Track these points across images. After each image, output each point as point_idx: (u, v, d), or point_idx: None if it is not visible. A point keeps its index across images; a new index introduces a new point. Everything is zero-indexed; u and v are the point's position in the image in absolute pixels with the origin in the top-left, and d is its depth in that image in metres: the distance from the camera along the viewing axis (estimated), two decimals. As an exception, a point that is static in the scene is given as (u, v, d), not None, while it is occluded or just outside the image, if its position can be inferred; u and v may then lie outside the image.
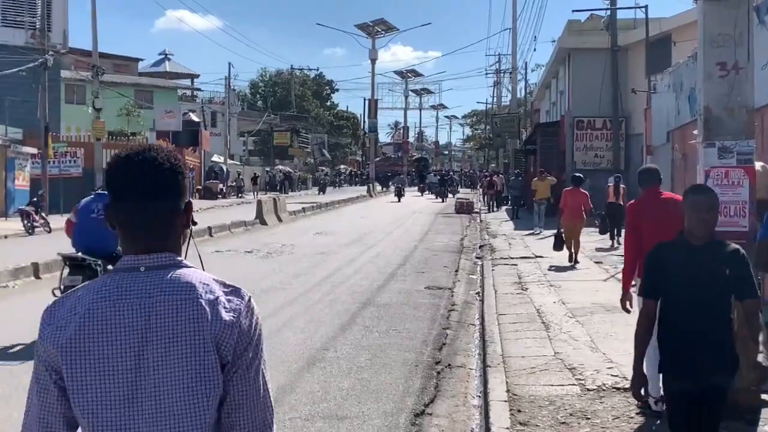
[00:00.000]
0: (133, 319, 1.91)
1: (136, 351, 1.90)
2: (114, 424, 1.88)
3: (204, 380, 1.91)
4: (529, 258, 18.13)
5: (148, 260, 1.99)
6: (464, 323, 11.47)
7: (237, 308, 2.00)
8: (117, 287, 1.95)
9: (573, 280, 14.36)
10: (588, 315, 10.98)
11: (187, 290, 1.95)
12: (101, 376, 1.89)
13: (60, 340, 1.91)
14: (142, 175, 1.98)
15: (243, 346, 1.97)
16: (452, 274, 16.27)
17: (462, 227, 29.28)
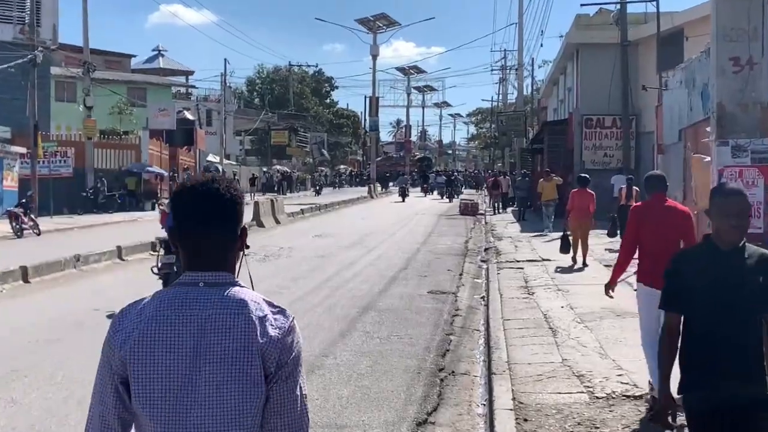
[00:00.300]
0: (189, 328, 2.26)
1: (191, 356, 2.24)
2: (170, 419, 2.23)
3: (250, 386, 2.25)
4: (536, 261, 18.12)
5: (207, 277, 2.34)
6: (468, 329, 11.45)
7: (282, 326, 2.34)
8: (178, 299, 2.31)
9: (581, 284, 14.34)
10: (597, 320, 10.96)
11: (240, 306, 2.30)
12: (160, 377, 2.24)
13: (126, 347, 2.27)
14: (205, 206, 2.35)
15: (285, 360, 2.31)
16: (456, 277, 16.26)
17: (466, 229, 29.25)
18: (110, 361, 2.30)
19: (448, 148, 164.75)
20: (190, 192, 2.39)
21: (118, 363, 2.28)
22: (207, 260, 2.37)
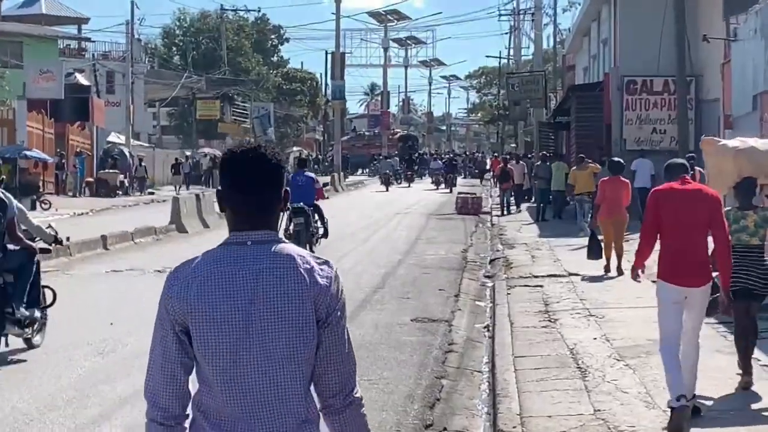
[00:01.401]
0: (243, 282, 3.38)
1: (246, 306, 3.36)
2: (228, 363, 3.34)
3: (302, 330, 3.38)
4: (560, 276, 18.20)
5: (254, 236, 3.46)
6: (467, 370, 11.44)
7: (329, 276, 3.46)
8: (230, 256, 3.44)
9: (621, 307, 14.39)
10: (642, 356, 10.99)
11: (288, 260, 3.42)
12: (218, 326, 3.35)
13: (186, 299, 3.40)
14: (254, 170, 3.48)
15: (333, 306, 3.45)
16: (451, 300, 16.27)
17: (465, 233, 29.26)
18: (169, 314, 3.45)
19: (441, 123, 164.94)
20: (240, 158, 3.53)
21: (178, 314, 3.43)
22: (253, 220, 3.48)
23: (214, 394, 3.42)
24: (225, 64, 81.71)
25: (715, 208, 8.35)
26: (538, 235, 26.97)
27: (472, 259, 22.63)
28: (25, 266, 11.62)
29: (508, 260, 21.10)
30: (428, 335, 13.08)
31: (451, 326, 13.88)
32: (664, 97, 31.67)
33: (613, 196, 17.91)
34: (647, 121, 31.93)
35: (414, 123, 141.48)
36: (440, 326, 13.77)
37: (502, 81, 77.70)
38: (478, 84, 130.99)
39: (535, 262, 20.79)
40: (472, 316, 15.17)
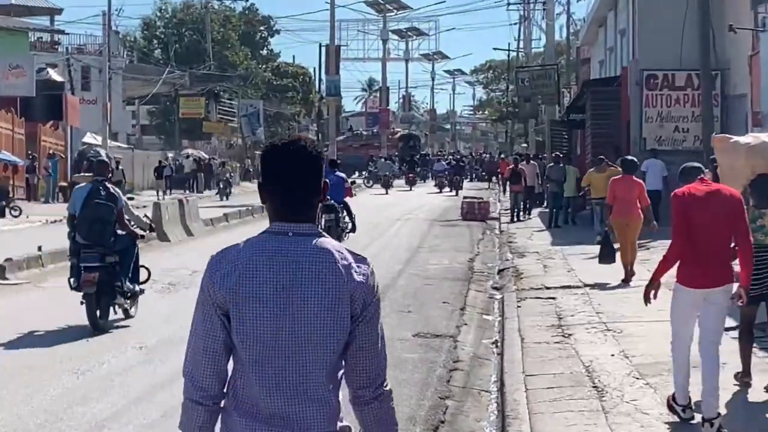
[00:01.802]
0: (283, 272, 3.79)
1: (284, 296, 3.77)
2: (263, 348, 3.78)
3: (338, 324, 3.81)
4: (574, 287, 18.22)
5: (295, 228, 3.87)
6: (473, 390, 11.45)
7: (365, 273, 3.88)
8: (271, 246, 3.85)
9: (641, 320, 14.37)
10: (664, 374, 10.96)
11: (327, 255, 3.83)
12: (257, 312, 3.78)
13: (227, 284, 3.81)
14: (294, 163, 3.87)
15: (369, 301, 3.89)
16: (456, 313, 16.30)
17: (471, 241, 29.28)
18: (212, 297, 3.85)
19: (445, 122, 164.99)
20: (282, 151, 3.91)
21: (220, 298, 3.83)
22: (294, 212, 3.89)
23: (250, 380, 3.83)
24: (210, 58, 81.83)
25: (739, 211, 8.70)
26: (550, 243, 27.00)
27: (479, 269, 22.63)
28: (128, 248, 15.15)
29: (518, 270, 21.10)
30: (431, 352, 13.08)
31: (456, 342, 13.89)
32: (688, 93, 31.68)
33: (626, 197, 18.22)
34: (669, 119, 31.92)
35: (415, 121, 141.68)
36: (444, 342, 13.77)
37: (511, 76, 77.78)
38: (485, 79, 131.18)
39: (547, 272, 20.79)
40: (479, 331, 15.17)
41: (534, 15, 77.06)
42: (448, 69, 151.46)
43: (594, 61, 53.58)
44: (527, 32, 79.36)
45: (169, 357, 12.66)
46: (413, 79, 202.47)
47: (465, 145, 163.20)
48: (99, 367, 12.17)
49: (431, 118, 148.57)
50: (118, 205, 14.68)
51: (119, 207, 14.72)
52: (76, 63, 63.46)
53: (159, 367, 12.14)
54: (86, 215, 14.52)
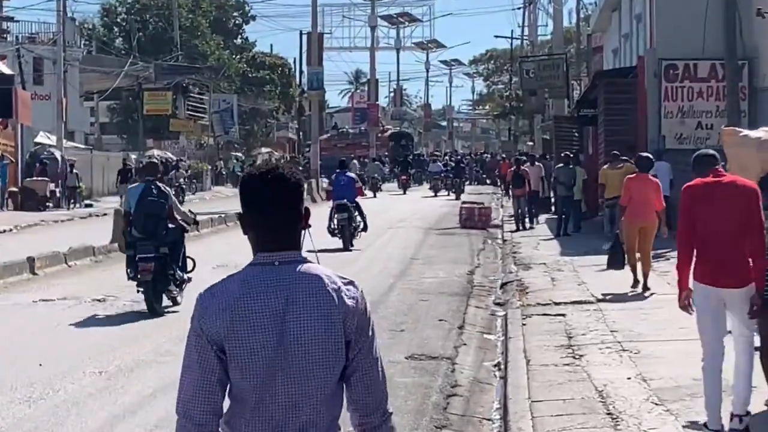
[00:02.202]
0: (274, 304, 4.16)
1: (278, 328, 4.14)
2: (263, 381, 4.13)
3: (332, 351, 4.18)
4: (586, 303, 18.23)
5: (280, 257, 4.25)
6: (473, 417, 11.47)
7: (355, 296, 4.25)
8: (259, 278, 4.23)
9: (660, 339, 14.41)
10: (686, 399, 10.99)
11: (316, 281, 4.22)
12: (253, 348, 4.13)
13: (221, 321, 4.16)
14: (274, 190, 4.24)
15: (362, 325, 4.26)
16: (453, 332, 16.29)
17: (471, 251, 29.30)
18: (206, 334, 4.19)
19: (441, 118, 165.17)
20: (261, 179, 4.28)
21: (214, 335, 4.18)
22: (277, 239, 4.28)
23: (249, 412, 4.23)
24: (178, 48, 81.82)
25: (752, 204, 9.01)
26: (559, 253, 27.01)
27: (480, 283, 22.64)
28: (178, 240, 18.68)
29: (523, 284, 21.11)
30: (426, 376, 13.07)
31: (454, 365, 13.87)
32: (711, 85, 31.74)
33: (641, 196, 18.63)
34: (691, 114, 31.99)
35: (408, 118, 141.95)
36: (441, 365, 13.77)
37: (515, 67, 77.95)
38: (486, 71, 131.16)
39: (555, 285, 20.79)
40: (479, 353, 15.18)
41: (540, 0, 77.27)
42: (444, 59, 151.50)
43: (607, 49, 53.63)
44: (532, 18, 79.55)
45: (132, 384, 12.63)
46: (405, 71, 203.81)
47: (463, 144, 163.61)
48: (53, 394, 12.14)
49: (426, 114, 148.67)
50: (168, 201, 18.10)
51: (169, 203, 18.14)
52: (27, 54, 63.31)
53: (121, 395, 12.10)
54: (141, 212, 17.80)
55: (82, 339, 15.70)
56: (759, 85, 30.55)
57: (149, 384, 12.61)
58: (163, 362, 13.90)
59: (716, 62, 30.71)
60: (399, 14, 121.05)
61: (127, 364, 13.82)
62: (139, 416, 11.15)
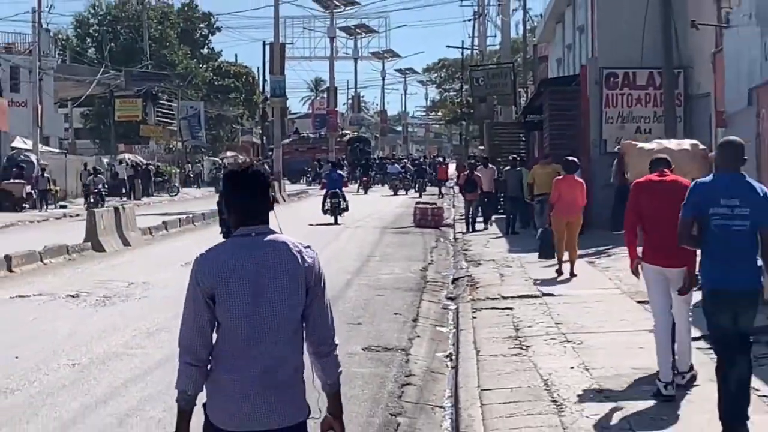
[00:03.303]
0: (253, 260, 5.27)
1: (253, 280, 5.24)
2: (243, 319, 5.22)
3: (297, 295, 5.29)
4: (532, 297, 18.27)
5: (255, 230, 5.35)
6: (426, 405, 11.46)
7: (312, 256, 5.38)
8: (241, 244, 5.34)
9: (602, 331, 14.47)
10: (625, 386, 11.05)
11: (283, 246, 5.33)
12: (235, 294, 5.23)
13: (211, 275, 5.26)
14: (251, 182, 5.38)
15: (317, 279, 5.38)
16: (408, 325, 16.29)
17: (425, 249, 29.31)
18: (200, 286, 5.30)
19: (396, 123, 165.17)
20: (240, 174, 5.42)
21: (206, 287, 5.28)
22: (253, 217, 5.40)
23: (231, 343, 5.30)
24: (147, 58, 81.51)
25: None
26: (507, 250, 27.04)
27: (433, 279, 22.65)
28: None
29: (474, 279, 21.13)
30: (382, 366, 13.09)
31: (408, 356, 13.88)
32: (649, 92, 31.87)
33: (568, 195, 20.44)
34: (630, 120, 32.10)
35: (365, 123, 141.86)
36: (396, 356, 13.77)
37: (465, 75, 78.09)
38: (438, 78, 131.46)
39: (504, 281, 20.83)
40: (432, 344, 15.17)
41: (489, 11, 77.67)
42: (400, 68, 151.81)
43: (552, 59, 53.82)
44: (482, 29, 79.78)
45: (104, 375, 12.59)
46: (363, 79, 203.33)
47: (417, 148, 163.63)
48: (29, 386, 12.08)
49: (382, 120, 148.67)
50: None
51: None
52: (4, 63, 62.85)
53: (93, 386, 12.06)
54: None
55: (56, 333, 15.63)
56: (693, 92, 30.73)
57: (120, 375, 12.58)
58: (133, 354, 13.90)
59: (654, 71, 30.85)
60: (357, 26, 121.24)
61: (99, 356, 13.78)
62: (111, 406, 11.11)
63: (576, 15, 40.22)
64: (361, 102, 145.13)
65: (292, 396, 5.37)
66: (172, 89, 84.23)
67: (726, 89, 24.01)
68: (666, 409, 9.98)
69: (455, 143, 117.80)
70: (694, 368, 10.77)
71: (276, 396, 5.30)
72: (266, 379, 5.27)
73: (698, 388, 10.58)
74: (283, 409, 5.32)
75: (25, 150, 56.48)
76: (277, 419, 5.30)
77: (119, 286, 21.04)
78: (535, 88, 48.08)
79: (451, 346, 14.83)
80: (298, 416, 5.39)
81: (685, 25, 28.25)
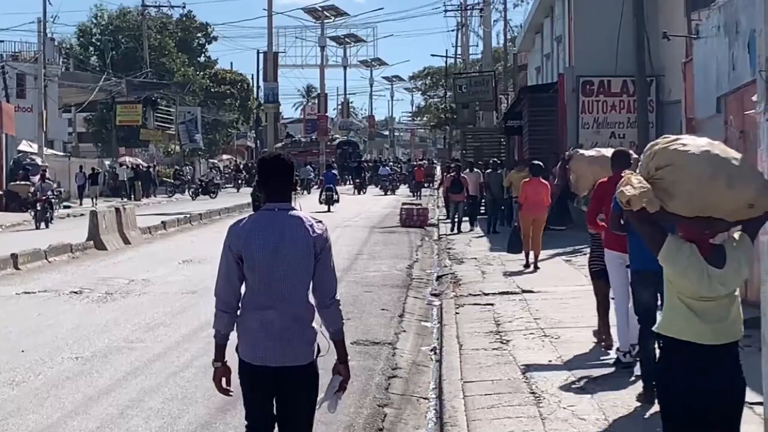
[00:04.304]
0: (274, 229, 6.36)
1: (273, 245, 6.32)
2: (266, 273, 6.34)
3: (309, 258, 6.37)
4: (512, 293, 18.29)
5: (279, 206, 6.45)
6: (412, 397, 11.47)
7: (321, 228, 6.43)
8: (266, 216, 6.46)
9: (578, 326, 14.48)
10: (599, 378, 11.08)
11: (299, 220, 6.42)
12: (259, 254, 6.33)
13: (241, 240, 6.36)
14: (278, 168, 6.52)
15: (325, 245, 6.44)
16: (394, 320, 16.31)
17: (410, 248, 29.32)
18: (231, 249, 6.32)
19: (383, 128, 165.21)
20: (270, 161, 6.54)
21: (236, 249, 6.29)
22: (278, 196, 6.40)
23: (255, 295, 6.36)
24: (147, 65, 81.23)
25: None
26: (489, 249, 27.06)
27: (418, 276, 22.67)
28: None
29: (457, 277, 21.16)
30: (370, 359, 13.10)
31: (395, 349, 13.90)
32: (623, 99, 31.99)
33: (534, 195, 21.52)
34: (605, 125, 32.21)
35: (354, 128, 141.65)
36: (383, 349, 13.79)
37: (449, 82, 78.08)
38: (423, 86, 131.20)
39: (485, 278, 20.86)
40: (417, 338, 15.19)
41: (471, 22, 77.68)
42: (387, 75, 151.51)
43: (531, 67, 53.90)
44: (465, 39, 79.88)
45: (105, 368, 12.58)
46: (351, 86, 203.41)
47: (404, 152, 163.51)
48: (34, 378, 12.06)
49: (370, 125, 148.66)
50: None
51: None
52: (11, 70, 62.74)
53: (95, 378, 12.04)
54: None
55: (60, 327, 15.60)
56: (665, 99, 30.85)
57: (121, 368, 12.55)
58: (134, 348, 13.88)
59: (627, 79, 30.95)
60: (346, 35, 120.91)
61: (101, 350, 13.76)
62: (112, 397, 11.10)
63: (554, 26, 40.29)
64: (350, 107, 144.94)
65: (303, 340, 6.40)
66: (171, 95, 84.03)
67: (696, 97, 24.08)
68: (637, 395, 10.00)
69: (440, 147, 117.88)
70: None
71: (290, 339, 6.33)
72: (282, 324, 6.30)
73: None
74: (295, 350, 6.36)
75: (30, 153, 56.33)
76: (290, 357, 6.35)
77: (120, 282, 21.01)
78: (515, 95, 48.15)
79: (435, 341, 14.84)
80: (308, 357, 6.42)
81: (657, 35, 28.34)
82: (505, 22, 70.47)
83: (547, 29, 42.85)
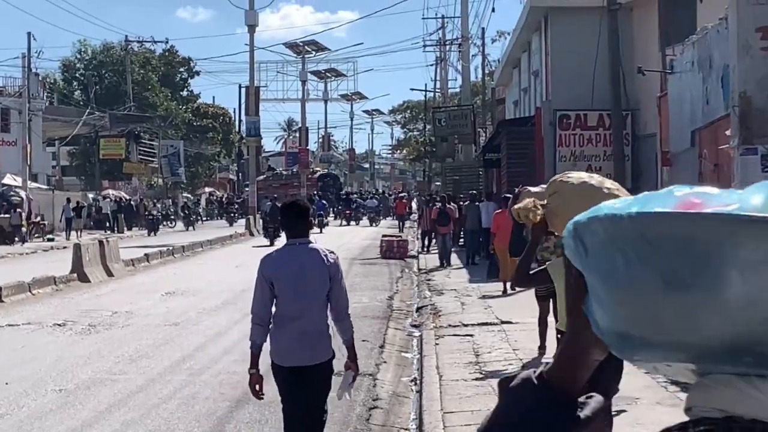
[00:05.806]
0: (298, 260, 7.95)
1: (296, 273, 7.85)
2: (292, 294, 7.87)
3: (325, 281, 7.93)
4: (491, 324, 18.28)
5: (300, 241, 8.02)
6: (393, 428, 11.44)
7: (335, 258, 8.08)
8: (288, 251, 8.08)
9: (557, 357, 14.47)
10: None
11: (317, 251, 8.00)
12: (287, 282, 7.86)
13: (271, 270, 7.94)
14: (297, 210, 8.11)
15: (336, 272, 8.04)
16: (375, 351, 16.29)
17: (390, 279, 29.28)
18: (264, 277, 7.83)
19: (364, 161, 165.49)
20: (290, 205, 8.18)
21: (268, 275, 7.84)
22: (298, 233, 7.96)
23: (285, 311, 7.75)
24: (130, 99, 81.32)
25: None
26: (468, 281, 27.06)
27: (398, 307, 22.64)
28: None
29: (436, 308, 21.13)
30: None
31: (375, 380, 13.87)
32: (599, 133, 32.07)
33: (506, 226, 20.90)
34: (582, 158, 32.28)
35: (335, 161, 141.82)
36: (364, 380, 13.72)
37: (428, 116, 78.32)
38: (403, 119, 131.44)
39: (465, 309, 20.84)
40: (398, 369, 15.17)
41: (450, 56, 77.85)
42: (367, 109, 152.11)
43: (509, 101, 54.06)
44: (443, 73, 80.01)
45: (89, 400, 12.52)
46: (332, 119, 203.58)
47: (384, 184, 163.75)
48: (18, 410, 12.00)
49: (350, 158, 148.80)
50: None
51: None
52: (-6, 104, 62.75)
53: (79, 410, 11.98)
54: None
55: (43, 360, 15.53)
56: (640, 132, 30.97)
57: (104, 400, 12.50)
58: (117, 380, 13.82)
59: (603, 112, 31.04)
60: (327, 70, 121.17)
61: (84, 382, 13.69)
62: (95, 429, 11.04)
63: (531, 61, 40.44)
64: (330, 141, 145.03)
65: (321, 345, 7.81)
66: (154, 129, 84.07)
67: (671, 130, 24.24)
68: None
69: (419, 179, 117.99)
70: None
71: (311, 344, 7.74)
72: (305, 333, 7.69)
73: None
74: (314, 352, 7.78)
75: (14, 186, 56.23)
76: (310, 358, 7.75)
77: (103, 315, 20.94)
78: (493, 128, 48.28)
79: (416, 371, 14.82)
80: (325, 357, 7.85)
81: (633, 70, 28.48)
82: (483, 57, 70.61)
83: (525, 64, 43.01)
